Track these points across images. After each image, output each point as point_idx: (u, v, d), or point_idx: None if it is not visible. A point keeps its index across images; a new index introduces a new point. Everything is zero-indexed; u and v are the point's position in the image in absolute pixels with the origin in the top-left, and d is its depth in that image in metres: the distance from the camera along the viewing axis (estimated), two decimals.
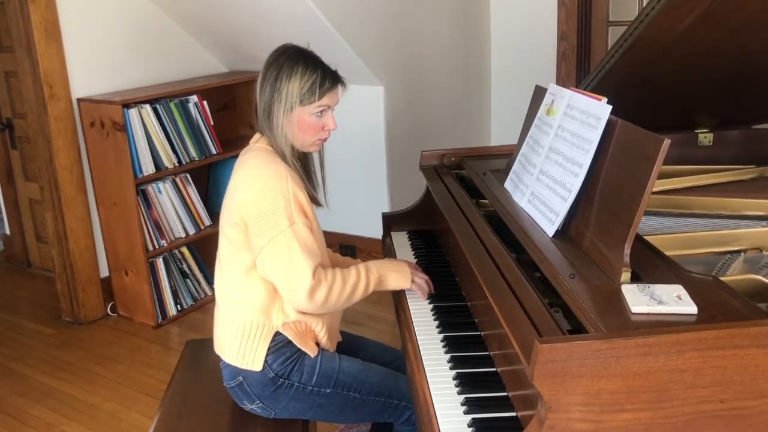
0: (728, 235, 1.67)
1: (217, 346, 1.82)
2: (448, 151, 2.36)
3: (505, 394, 1.39)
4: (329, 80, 1.72)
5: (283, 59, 1.72)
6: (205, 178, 3.81)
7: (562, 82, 3.97)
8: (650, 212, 1.84)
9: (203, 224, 3.51)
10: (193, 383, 1.96)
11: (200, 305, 3.50)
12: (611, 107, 1.48)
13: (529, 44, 4.15)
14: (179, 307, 3.43)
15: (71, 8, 3.18)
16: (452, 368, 1.52)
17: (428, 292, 1.85)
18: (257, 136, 1.81)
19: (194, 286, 3.53)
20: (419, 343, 1.65)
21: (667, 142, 1.27)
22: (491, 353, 1.53)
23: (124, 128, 3.09)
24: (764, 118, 2.22)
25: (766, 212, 1.79)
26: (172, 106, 3.33)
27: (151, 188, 3.28)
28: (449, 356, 1.57)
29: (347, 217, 3.84)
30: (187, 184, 3.44)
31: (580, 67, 4.04)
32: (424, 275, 1.87)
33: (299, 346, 1.72)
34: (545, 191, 1.63)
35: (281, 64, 1.71)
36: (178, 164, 3.35)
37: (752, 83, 2.01)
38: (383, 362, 1.91)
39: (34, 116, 3.20)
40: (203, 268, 3.55)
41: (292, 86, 1.69)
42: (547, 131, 1.71)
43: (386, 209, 3.59)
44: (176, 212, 3.39)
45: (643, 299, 1.22)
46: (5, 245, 4.29)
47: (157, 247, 3.30)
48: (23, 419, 2.67)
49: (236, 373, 1.75)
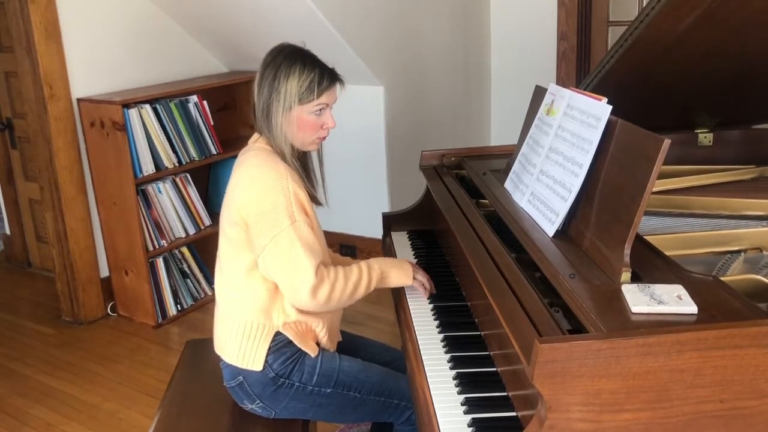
0: (728, 235, 1.67)
1: (217, 346, 1.82)
2: (448, 151, 2.36)
3: (505, 394, 1.39)
4: (327, 78, 1.72)
5: (280, 59, 1.72)
6: (205, 178, 3.81)
7: (562, 82, 3.97)
8: (650, 212, 1.84)
9: (203, 224, 3.51)
10: (193, 383, 1.96)
11: (200, 305, 3.50)
12: (611, 107, 1.48)
13: (529, 44, 4.15)
14: (179, 307, 3.44)
15: (71, 8, 3.18)
16: (452, 368, 1.52)
17: (429, 290, 1.85)
18: (256, 136, 1.81)
19: (194, 285, 3.53)
20: (419, 342, 1.65)
21: (667, 142, 1.27)
22: (491, 353, 1.53)
23: (124, 128, 3.09)
24: (764, 118, 2.22)
25: (766, 212, 1.79)
26: (172, 106, 3.33)
27: (151, 188, 3.28)
28: (449, 356, 1.57)
29: (347, 217, 3.84)
30: (187, 184, 3.45)
31: (580, 67, 4.04)
32: (425, 274, 1.88)
33: (300, 345, 1.72)
34: (545, 191, 1.63)
35: (279, 63, 1.71)
36: (178, 164, 3.35)
37: (752, 83, 2.01)
38: (383, 362, 1.91)
39: (34, 116, 3.20)
40: (203, 267, 3.55)
41: (290, 85, 1.69)
42: (547, 131, 1.71)
43: (386, 209, 3.59)
44: (176, 212, 3.39)
45: (643, 299, 1.22)
46: (5, 245, 4.29)
47: (157, 247, 3.31)
48: (23, 419, 2.67)
49: (236, 373, 1.75)
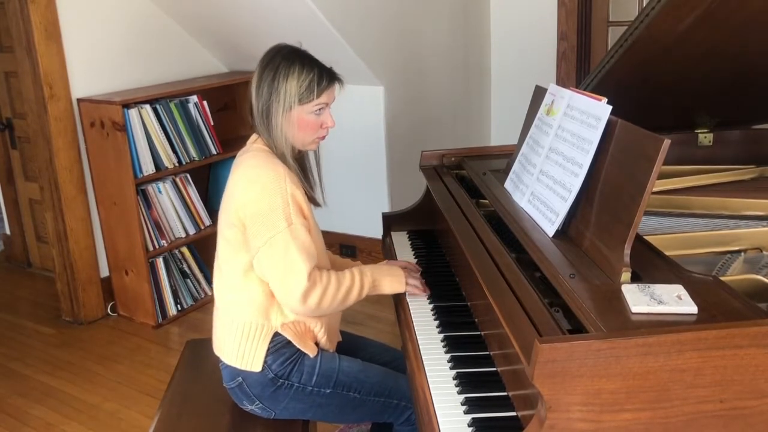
0: (728, 235, 1.67)
1: (216, 346, 1.82)
2: (448, 151, 2.36)
3: (505, 393, 1.39)
4: (326, 78, 1.72)
5: (278, 59, 1.71)
6: (205, 178, 3.81)
7: (562, 82, 3.97)
8: (650, 212, 1.84)
9: (203, 224, 3.51)
10: (193, 383, 1.96)
11: (200, 305, 3.50)
12: (611, 107, 1.48)
13: (529, 44, 4.15)
14: (179, 306, 3.43)
15: (71, 8, 3.18)
16: (452, 368, 1.52)
17: (424, 290, 1.85)
18: (254, 136, 1.80)
19: (194, 285, 3.53)
20: (419, 342, 1.64)
21: (667, 142, 1.27)
22: (491, 353, 1.53)
23: (124, 128, 3.09)
24: (764, 118, 2.22)
25: (766, 212, 1.79)
26: (172, 106, 3.33)
27: (151, 188, 3.28)
28: (449, 356, 1.57)
29: (347, 217, 3.84)
30: (187, 184, 3.44)
31: (580, 67, 4.04)
32: (417, 277, 1.87)
33: (299, 346, 1.72)
34: (545, 191, 1.63)
35: (277, 64, 1.70)
36: (178, 164, 3.35)
37: (752, 83, 2.01)
38: (383, 362, 1.91)
39: (34, 116, 3.20)
40: (203, 267, 3.55)
41: (290, 86, 1.69)
42: (547, 131, 1.71)
43: (386, 209, 3.59)
44: (176, 212, 3.39)
45: (643, 299, 1.22)
46: (5, 245, 4.29)
47: (157, 247, 3.31)
48: (23, 419, 2.67)
49: (236, 373, 1.75)
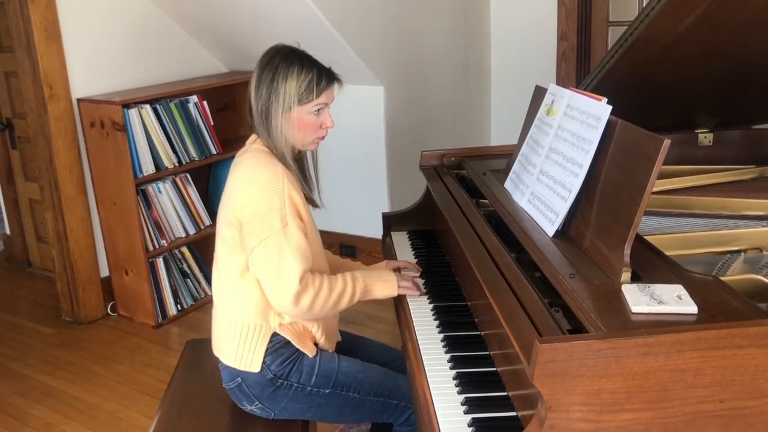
0: (728, 235, 1.67)
1: (215, 347, 1.82)
2: (448, 151, 2.36)
3: (505, 393, 1.39)
4: (325, 78, 1.72)
5: (277, 60, 1.71)
6: (205, 178, 3.81)
7: (562, 82, 3.97)
8: (650, 212, 1.84)
9: (203, 224, 3.51)
10: (193, 383, 1.96)
11: (200, 305, 3.50)
12: (611, 107, 1.48)
13: (529, 44, 4.15)
14: (179, 306, 3.43)
15: (71, 8, 3.18)
16: (452, 368, 1.52)
17: (416, 290, 1.85)
18: (253, 137, 1.80)
19: (194, 285, 3.53)
20: (419, 342, 1.65)
21: (667, 142, 1.27)
22: (491, 353, 1.53)
23: (124, 128, 3.09)
24: (764, 118, 2.22)
25: (766, 212, 1.79)
26: (172, 106, 3.33)
27: (151, 188, 3.28)
28: (449, 356, 1.57)
29: (347, 217, 3.84)
30: (187, 184, 3.45)
31: (580, 67, 4.04)
32: (408, 277, 1.88)
33: (297, 346, 1.72)
34: (545, 191, 1.63)
35: (276, 64, 1.70)
36: (178, 164, 3.35)
37: (752, 83, 2.01)
38: (383, 362, 1.91)
39: (34, 116, 3.20)
40: (203, 267, 3.55)
41: (289, 86, 1.69)
42: (547, 131, 1.71)
43: (386, 209, 3.59)
44: (176, 212, 3.39)
45: (643, 299, 1.22)
46: (5, 245, 4.29)
47: (157, 246, 3.31)
48: (23, 419, 2.67)
49: (235, 374, 1.75)
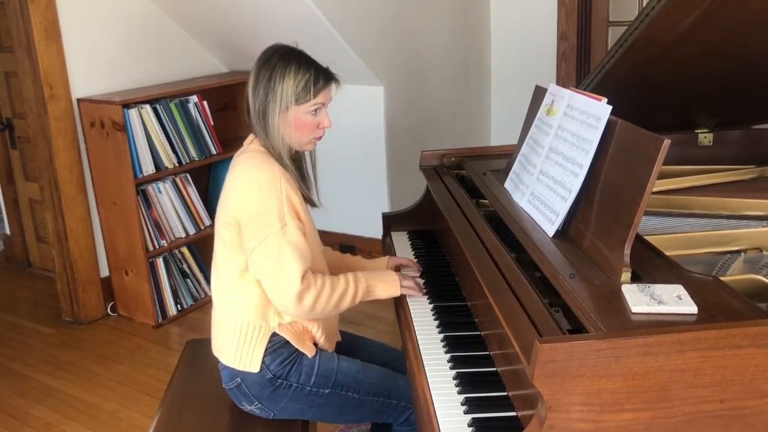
0: (728, 235, 1.67)
1: (214, 347, 1.82)
2: (448, 151, 2.36)
3: (505, 393, 1.39)
4: (323, 78, 1.72)
5: (275, 59, 1.71)
6: (205, 178, 3.81)
7: (562, 82, 3.97)
8: (650, 212, 1.84)
9: (203, 224, 3.51)
10: (193, 383, 1.96)
11: (200, 305, 3.50)
12: (611, 107, 1.48)
13: (529, 44, 4.15)
14: (179, 306, 3.43)
15: (71, 8, 3.18)
16: (452, 368, 1.52)
17: (419, 290, 1.85)
18: (251, 137, 1.80)
19: (194, 285, 3.53)
20: (419, 342, 1.65)
21: (667, 142, 1.27)
22: (491, 353, 1.53)
23: (124, 128, 3.09)
24: (764, 118, 2.22)
25: (766, 212, 1.79)
26: (172, 106, 3.33)
27: (151, 188, 3.28)
28: (449, 356, 1.57)
29: (347, 217, 3.84)
30: (187, 184, 3.44)
31: (580, 67, 4.04)
32: (411, 277, 1.87)
33: (297, 346, 1.72)
34: (545, 191, 1.63)
35: (273, 64, 1.70)
36: (178, 164, 3.35)
37: (752, 83, 2.01)
38: (382, 362, 1.91)
39: (34, 116, 3.20)
40: (203, 268, 3.55)
41: (286, 86, 1.68)
42: (547, 131, 1.71)
43: (386, 209, 3.59)
44: (176, 212, 3.39)
45: (643, 299, 1.22)
46: (5, 245, 4.29)
47: (157, 247, 3.30)
48: (23, 419, 2.67)
49: (234, 374, 1.75)
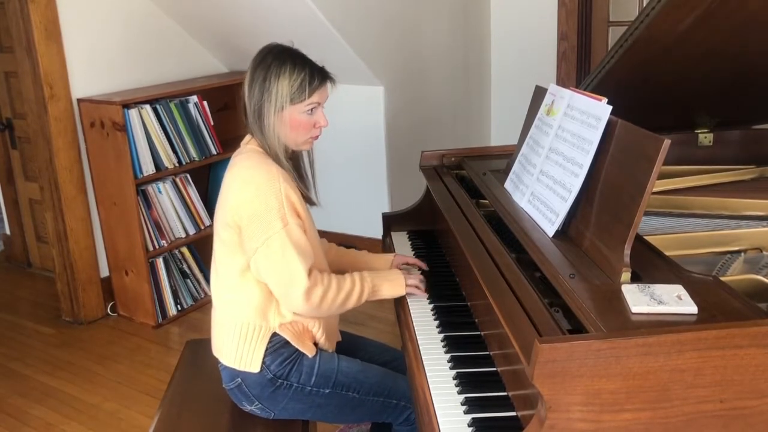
0: (728, 235, 1.67)
1: (214, 348, 1.82)
2: (448, 151, 2.36)
3: (505, 393, 1.39)
4: (318, 77, 1.71)
5: (270, 59, 1.70)
6: (205, 178, 3.80)
7: (562, 82, 3.97)
8: (650, 212, 1.84)
9: (203, 224, 3.51)
10: (193, 383, 1.96)
11: (200, 305, 3.50)
12: (611, 107, 1.48)
13: (529, 44, 4.15)
14: (179, 307, 3.43)
15: (71, 8, 3.18)
16: (452, 368, 1.52)
17: (424, 290, 1.85)
18: (248, 137, 1.80)
19: (194, 286, 3.53)
20: (419, 342, 1.65)
21: (667, 142, 1.27)
22: (491, 353, 1.53)
23: (124, 128, 3.09)
24: (764, 118, 2.22)
25: (766, 212, 1.79)
26: (172, 106, 3.33)
27: (151, 188, 3.28)
28: (449, 356, 1.57)
29: (347, 217, 3.84)
30: (187, 184, 3.44)
31: (580, 67, 4.04)
32: (416, 276, 1.87)
33: (297, 346, 1.72)
34: (545, 191, 1.63)
35: (269, 64, 1.70)
36: (178, 164, 3.35)
37: (752, 83, 2.01)
38: (382, 362, 1.91)
39: (34, 116, 3.20)
40: (203, 268, 3.55)
41: (281, 85, 1.68)
42: (547, 131, 1.71)
43: (386, 209, 3.59)
44: (176, 212, 3.39)
45: (643, 299, 1.22)
46: (5, 245, 4.29)
47: (157, 247, 3.30)
48: (23, 419, 2.67)
49: (234, 374, 1.74)
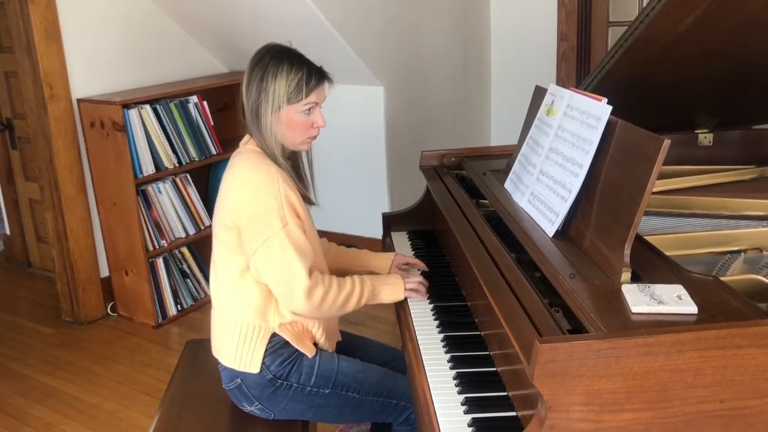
0: (728, 235, 1.67)
1: (214, 348, 1.82)
2: (448, 151, 2.36)
3: (505, 393, 1.39)
4: (315, 77, 1.71)
5: (267, 59, 1.70)
6: (205, 178, 3.80)
7: (562, 82, 3.97)
8: (650, 212, 1.84)
9: (203, 224, 3.51)
10: (193, 383, 1.96)
11: (200, 305, 3.50)
12: (611, 107, 1.48)
13: (529, 44, 4.15)
14: (179, 307, 3.43)
15: (71, 8, 3.18)
16: (452, 368, 1.52)
17: (424, 291, 1.85)
18: (247, 137, 1.79)
19: (194, 286, 3.53)
20: (419, 342, 1.65)
21: (667, 142, 1.27)
22: (491, 353, 1.53)
23: (124, 128, 3.09)
24: (764, 118, 2.22)
25: (766, 212, 1.79)
26: (172, 106, 3.33)
27: (151, 188, 3.28)
28: (449, 356, 1.57)
29: (347, 217, 3.84)
30: (187, 184, 3.44)
31: (580, 67, 4.04)
32: (415, 278, 1.86)
33: (296, 346, 1.72)
34: (545, 191, 1.63)
35: (266, 63, 1.69)
36: (178, 164, 3.35)
37: (752, 83, 2.01)
38: (382, 362, 1.91)
39: (34, 116, 3.20)
40: (203, 268, 3.55)
41: (278, 85, 1.67)
42: (547, 131, 1.71)
43: (386, 209, 3.59)
44: (176, 212, 3.39)
45: (643, 299, 1.22)
46: (5, 245, 4.29)
47: (157, 247, 3.30)
48: (23, 419, 2.67)
49: (234, 375, 1.74)
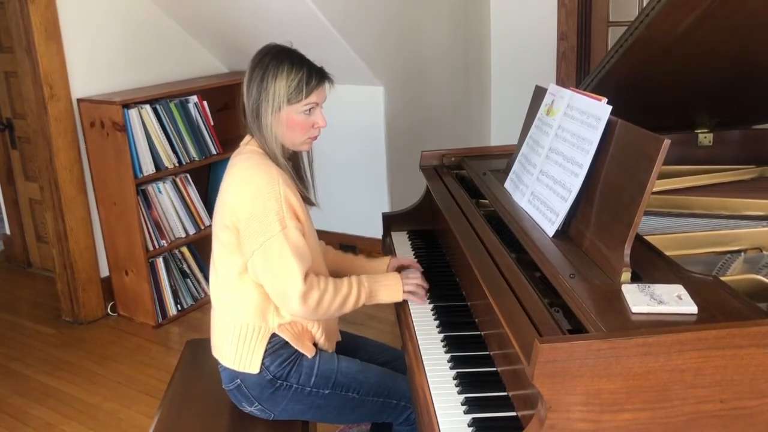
0: (728, 235, 1.67)
1: (214, 349, 1.82)
2: (448, 151, 2.36)
3: (505, 393, 1.39)
4: (315, 77, 1.70)
5: (267, 59, 1.70)
6: (205, 178, 3.81)
7: (562, 82, 3.97)
8: (650, 212, 1.84)
9: (203, 224, 3.51)
10: (193, 383, 1.96)
11: (200, 305, 3.50)
12: (611, 107, 1.48)
13: (529, 44, 4.16)
14: (179, 306, 3.43)
15: (71, 8, 3.18)
16: (452, 368, 1.52)
17: (424, 293, 1.84)
18: (247, 138, 1.79)
19: (194, 285, 3.53)
20: (419, 342, 1.65)
21: (667, 142, 1.27)
22: (491, 353, 1.53)
23: (124, 128, 3.09)
24: (764, 118, 2.22)
25: (766, 212, 1.79)
26: (172, 106, 3.33)
27: (151, 188, 3.28)
28: (449, 356, 1.57)
29: (347, 217, 3.84)
30: (187, 184, 3.45)
31: (580, 67, 4.04)
32: (414, 278, 1.83)
33: (296, 347, 1.72)
34: (545, 191, 1.63)
35: (266, 64, 1.69)
36: (178, 164, 3.35)
37: (752, 83, 2.01)
38: (382, 362, 1.91)
39: (34, 116, 3.20)
40: (203, 267, 3.55)
41: (278, 85, 1.67)
42: (547, 131, 1.71)
43: (386, 209, 3.59)
44: (176, 212, 3.39)
45: (643, 299, 1.22)
46: (5, 245, 4.29)
47: (157, 247, 3.31)
48: (23, 419, 2.67)
49: (234, 375, 1.74)
